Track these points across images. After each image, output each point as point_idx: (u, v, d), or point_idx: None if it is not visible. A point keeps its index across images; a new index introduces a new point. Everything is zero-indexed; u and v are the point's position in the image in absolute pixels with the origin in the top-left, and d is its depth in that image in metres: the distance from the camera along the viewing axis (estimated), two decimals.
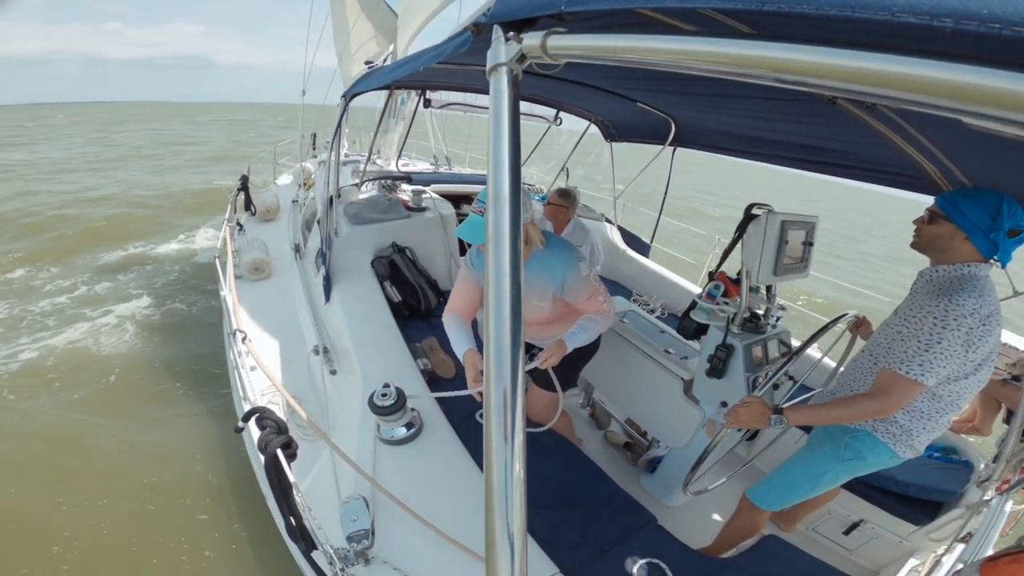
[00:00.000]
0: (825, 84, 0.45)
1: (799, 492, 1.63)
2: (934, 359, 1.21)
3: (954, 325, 1.18)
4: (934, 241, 1.31)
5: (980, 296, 1.20)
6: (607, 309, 1.65)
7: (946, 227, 1.28)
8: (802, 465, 1.62)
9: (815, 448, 1.60)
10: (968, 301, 1.18)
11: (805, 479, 1.60)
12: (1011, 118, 0.36)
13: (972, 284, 1.23)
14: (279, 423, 1.43)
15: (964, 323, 1.18)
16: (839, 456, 1.50)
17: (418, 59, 1.31)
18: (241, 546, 2.41)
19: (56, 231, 7.18)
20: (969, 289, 1.21)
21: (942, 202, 1.29)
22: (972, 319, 1.18)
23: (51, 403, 3.32)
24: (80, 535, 2.37)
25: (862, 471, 1.53)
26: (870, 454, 1.46)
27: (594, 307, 1.65)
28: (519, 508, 0.64)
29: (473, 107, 4.37)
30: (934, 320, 1.21)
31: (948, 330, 1.19)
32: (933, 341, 1.20)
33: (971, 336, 1.19)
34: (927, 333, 1.21)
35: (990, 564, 1.23)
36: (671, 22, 0.91)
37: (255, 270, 3.16)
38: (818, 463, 1.57)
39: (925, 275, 1.37)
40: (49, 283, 5.37)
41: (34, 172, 12.23)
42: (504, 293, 0.67)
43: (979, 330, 1.20)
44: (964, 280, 1.26)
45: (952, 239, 1.27)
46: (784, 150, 2.37)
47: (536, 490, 1.32)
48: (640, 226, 4.30)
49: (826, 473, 1.54)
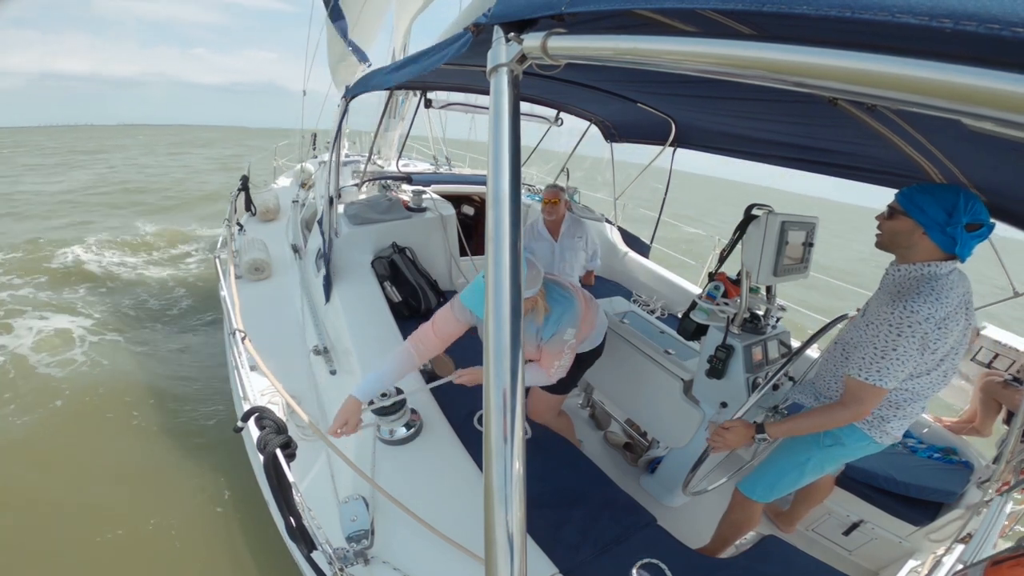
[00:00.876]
0: (825, 85, 0.45)
1: (786, 480, 1.67)
2: (891, 365, 1.24)
3: (908, 332, 1.21)
4: (895, 238, 1.32)
5: (937, 299, 1.21)
6: (552, 374, 1.67)
7: (905, 223, 1.28)
8: (786, 454, 1.67)
9: (798, 437, 1.65)
10: (923, 307, 1.20)
11: (790, 467, 1.64)
12: (1010, 119, 0.36)
13: (930, 286, 1.23)
14: (278, 423, 1.43)
15: (919, 329, 1.20)
16: (819, 443, 1.56)
17: (419, 60, 1.31)
18: (240, 547, 2.41)
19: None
20: (926, 293, 1.22)
21: (901, 198, 1.30)
22: (927, 324, 1.20)
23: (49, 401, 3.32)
24: (79, 535, 2.37)
25: (844, 457, 1.58)
26: (848, 439, 1.51)
27: (546, 364, 1.66)
28: (519, 508, 0.64)
29: (474, 107, 4.37)
30: (889, 327, 1.23)
31: (903, 337, 1.21)
32: (888, 348, 1.23)
33: (926, 340, 1.21)
34: (883, 340, 1.24)
35: (994, 567, 1.22)
36: (671, 23, 0.91)
37: (255, 270, 3.16)
38: (800, 451, 1.62)
39: (889, 273, 1.39)
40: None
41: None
42: (504, 293, 0.67)
43: (935, 333, 1.21)
44: (922, 281, 1.26)
45: (912, 235, 1.28)
46: (784, 151, 2.37)
47: (536, 490, 1.32)
48: (639, 227, 4.31)
49: (809, 460, 1.59)
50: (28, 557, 2.25)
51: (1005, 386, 2.63)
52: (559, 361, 1.63)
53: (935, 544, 1.86)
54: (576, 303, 1.63)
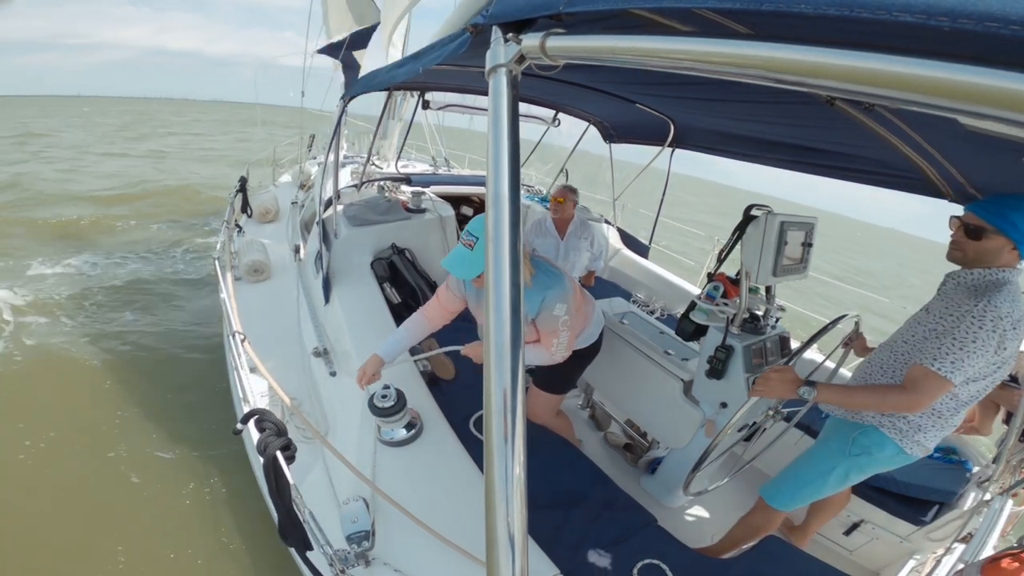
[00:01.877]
0: (823, 84, 0.45)
1: (809, 489, 1.64)
2: (967, 358, 1.22)
3: (991, 326, 1.20)
4: (984, 256, 1.29)
5: (1014, 301, 1.23)
6: (553, 353, 1.65)
7: (997, 240, 1.26)
8: (811, 461, 1.63)
9: (823, 444, 1.62)
10: (1004, 304, 1.21)
11: (814, 475, 1.61)
12: (1009, 118, 0.36)
13: (1007, 288, 1.25)
14: (278, 425, 1.43)
15: (1000, 325, 1.20)
16: (846, 452, 1.51)
17: (417, 60, 1.31)
18: (240, 548, 2.41)
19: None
20: (1004, 293, 1.23)
21: (988, 215, 1.27)
22: (1006, 321, 1.20)
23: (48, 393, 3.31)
24: (76, 535, 2.36)
25: (870, 468, 1.53)
26: (877, 450, 1.47)
27: (545, 346, 1.65)
28: (519, 509, 0.64)
29: (472, 108, 4.38)
30: (972, 319, 1.22)
31: (984, 330, 1.21)
32: (968, 340, 1.22)
33: (1004, 338, 1.22)
34: (963, 331, 1.23)
35: (991, 564, 1.23)
36: (669, 23, 0.91)
37: (254, 272, 3.16)
38: (826, 459, 1.58)
39: (956, 277, 1.37)
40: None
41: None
42: (504, 293, 0.67)
43: (1011, 333, 1.22)
44: (999, 284, 1.26)
45: (1002, 251, 1.26)
46: (782, 152, 2.37)
47: (536, 491, 1.32)
48: (638, 228, 4.32)
49: (834, 469, 1.55)
50: (18, 565, 2.24)
51: (1003, 387, 2.63)
52: (556, 339, 1.62)
53: (935, 544, 1.86)
54: (565, 281, 1.62)
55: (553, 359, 1.67)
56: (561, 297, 1.57)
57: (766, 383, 1.45)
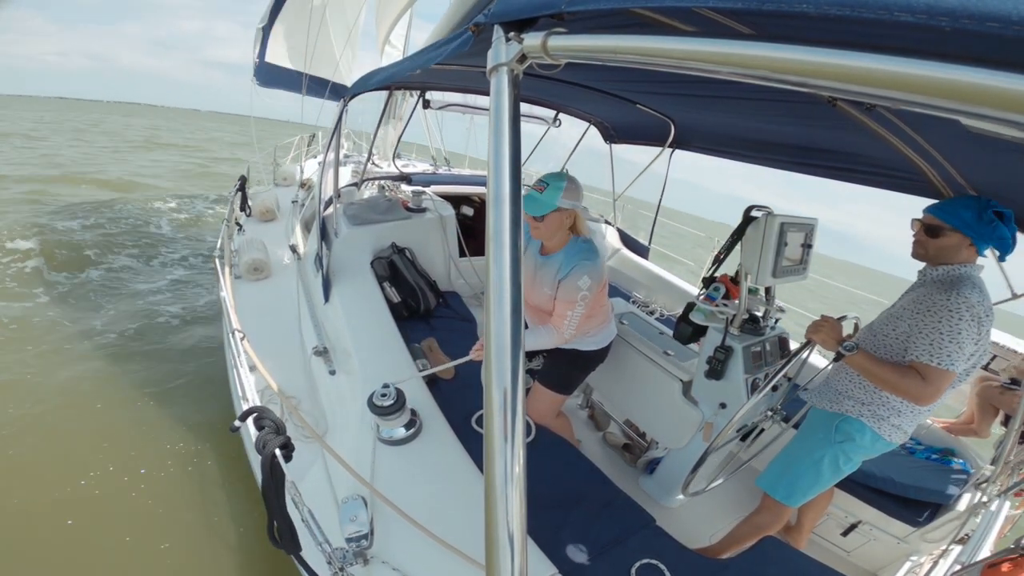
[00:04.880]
0: (824, 84, 0.45)
1: (806, 481, 1.68)
2: (958, 349, 1.31)
3: (968, 316, 1.30)
4: (944, 252, 1.41)
5: (981, 291, 1.34)
6: (563, 328, 1.65)
7: (953, 237, 1.38)
8: (801, 452, 1.70)
9: (809, 435, 1.69)
10: (973, 294, 1.31)
11: (807, 466, 1.66)
12: (1010, 119, 0.36)
13: (971, 281, 1.35)
14: (277, 423, 1.42)
15: (974, 312, 1.29)
16: (831, 440, 1.60)
17: (418, 59, 1.31)
18: (238, 547, 2.40)
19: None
20: (969, 286, 1.33)
21: (942, 215, 1.39)
22: (979, 308, 1.30)
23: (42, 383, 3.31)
24: (72, 534, 2.36)
25: (856, 454, 1.60)
26: (858, 436, 1.55)
27: (557, 320, 1.65)
28: (519, 509, 0.63)
29: (473, 108, 4.37)
30: (949, 313, 1.31)
31: (963, 321, 1.30)
32: (954, 332, 1.30)
33: (981, 327, 1.31)
34: (946, 325, 1.31)
35: (991, 568, 1.22)
36: (671, 23, 0.91)
37: (254, 270, 3.15)
38: (814, 449, 1.65)
39: (925, 274, 1.48)
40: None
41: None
42: (504, 293, 0.67)
43: (985, 319, 1.32)
44: (963, 278, 1.37)
45: (960, 248, 1.38)
46: (783, 152, 2.37)
47: (535, 491, 1.32)
48: (637, 228, 4.32)
49: (823, 458, 1.62)
50: (18, 560, 2.24)
51: (1002, 391, 2.64)
52: (571, 311, 1.62)
53: (933, 545, 1.87)
54: (599, 261, 1.65)
55: (562, 338, 1.68)
56: (591, 271, 1.60)
57: (816, 328, 1.55)
